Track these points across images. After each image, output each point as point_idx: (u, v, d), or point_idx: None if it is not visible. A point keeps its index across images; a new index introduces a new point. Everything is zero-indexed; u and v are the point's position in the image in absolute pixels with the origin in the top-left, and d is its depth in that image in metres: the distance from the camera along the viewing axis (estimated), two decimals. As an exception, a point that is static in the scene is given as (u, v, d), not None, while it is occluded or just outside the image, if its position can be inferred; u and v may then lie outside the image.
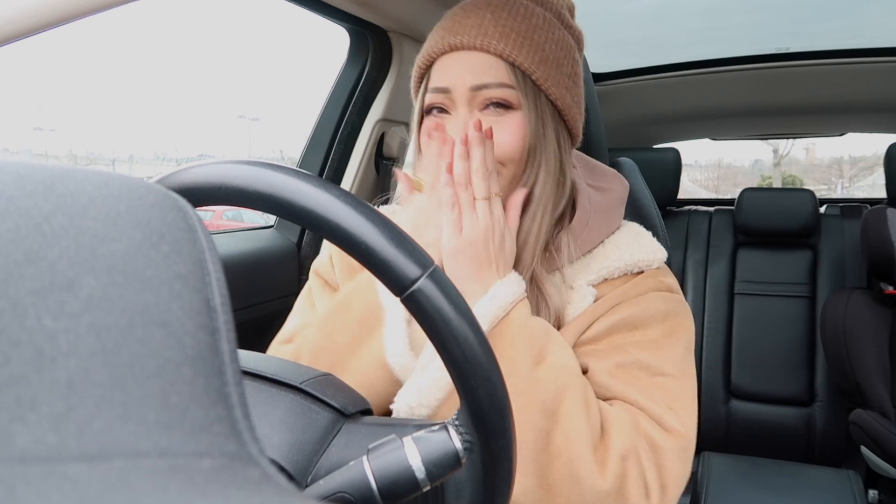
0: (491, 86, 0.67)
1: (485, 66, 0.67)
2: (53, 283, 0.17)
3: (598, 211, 0.74)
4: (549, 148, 0.70)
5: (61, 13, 0.54)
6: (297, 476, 0.42)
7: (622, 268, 0.72)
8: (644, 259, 0.72)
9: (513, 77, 0.67)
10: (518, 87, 0.67)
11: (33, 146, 28.21)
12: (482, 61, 0.67)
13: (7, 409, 0.15)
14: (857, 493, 1.64)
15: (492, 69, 0.67)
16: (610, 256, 0.72)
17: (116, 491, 0.14)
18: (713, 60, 2.04)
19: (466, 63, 0.68)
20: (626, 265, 0.72)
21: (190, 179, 0.40)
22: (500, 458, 0.42)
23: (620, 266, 0.72)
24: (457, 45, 0.68)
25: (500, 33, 0.67)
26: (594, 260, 0.73)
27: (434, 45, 0.70)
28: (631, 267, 0.72)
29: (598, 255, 0.73)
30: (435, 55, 0.70)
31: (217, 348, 0.19)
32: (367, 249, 0.38)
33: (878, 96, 2.10)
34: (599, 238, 0.74)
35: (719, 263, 2.26)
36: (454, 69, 0.68)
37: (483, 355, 0.40)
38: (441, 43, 0.69)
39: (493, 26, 0.67)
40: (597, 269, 0.72)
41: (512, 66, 0.67)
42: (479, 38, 0.67)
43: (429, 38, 0.73)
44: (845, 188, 21.54)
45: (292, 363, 0.49)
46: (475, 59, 0.67)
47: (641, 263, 0.72)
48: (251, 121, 41.82)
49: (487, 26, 0.67)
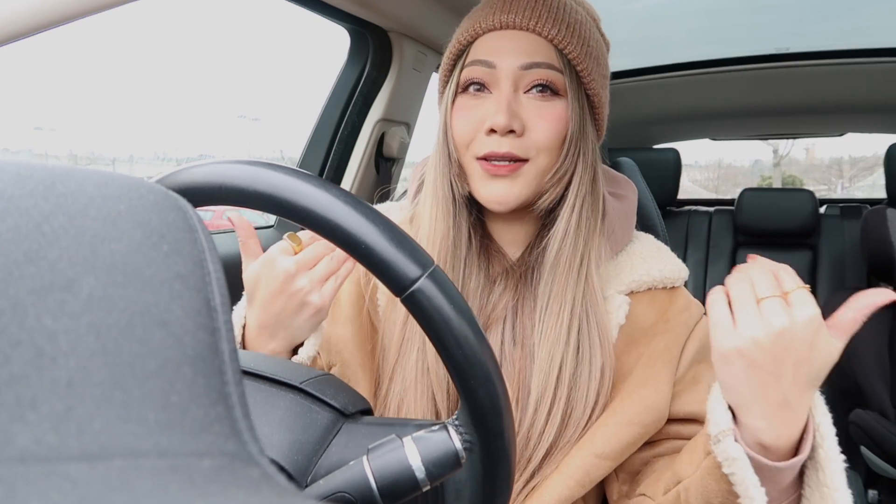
0: (542, 65, 0.65)
1: (536, 46, 0.66)
2: (53, 283, 0.17)
3: (619, 218, 0.74)
4: (588, 141, 0.69)
5: (61, 13, 0.54)
6: (297, 476, 0.42)
7: (650, 282, 0.72)
8: (670, 276, 0.73)
9: (561, 63, 0.66)
10: (566, 73, 0.66)
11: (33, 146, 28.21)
12: (532, 42, 0.66)
13: (7, 408, 0.15)
14: (857, 493, 1.64)
15: (543, 51, 0.66)
16: (637, 268, 0.72)
17: (116, 491, 0.14)
18: (713, 60, 2.04)
19: (517, 41, 0.66)
20: (654, 280, 0.72)
21: (190, 179, 0.40)
22: (500, 458, 0.42)
23: (648, 280, 0.72)
24: (508, 24, 0.66)
25: (553, 19, 0.66)
26: (621, 269, 0.72)
27: (481, 21, 0.68)
28: (658, 282, 0.72)
29: (624, 264, 0.73)
30: (481, 31, 0.68)
31: (217, 348, 0.19)
32: (367, 249, 0.38)
33: (878, 96, 2.10)
34: (622, 245, 0.74)
35: (719, 263, 2.26)
36: (503, 46, 0.66)
37: (483, 355, 0.40)
38: (490, 19, 0.67)
39: (545, 12, 0.67)
40: (627, 281, 0.71)
41: (560, 52, 0.66)
42: (532, 20, 0.66)
43: (471, 15, 0.71)
44: (845, 188, 21.53)
45: (292, 363, 0.49)
46: (526, 38, 0.66)
47: (668, 280, 0.73)
48: (251, 121, 41.83)
49: (541, 10, 0.67)
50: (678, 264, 0.75)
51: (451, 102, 0.70)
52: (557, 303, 0.67)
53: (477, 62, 0.67)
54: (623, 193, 0.78)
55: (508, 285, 0.71)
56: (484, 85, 0.67)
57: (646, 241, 0.77)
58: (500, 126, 0.64)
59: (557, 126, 0.66)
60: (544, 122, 0.66)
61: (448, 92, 0.70)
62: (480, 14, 0.69)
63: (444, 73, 0.73)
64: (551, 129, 0.66)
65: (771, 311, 0.48)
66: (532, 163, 0.66)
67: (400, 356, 0.70)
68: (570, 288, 0.67)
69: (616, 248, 0.73)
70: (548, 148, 0.66)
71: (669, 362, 0.68)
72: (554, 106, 0.66)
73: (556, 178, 0.68)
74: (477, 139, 0.66)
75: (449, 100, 0.70)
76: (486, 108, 0.66)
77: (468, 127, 0.67)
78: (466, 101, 0.68)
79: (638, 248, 0.75)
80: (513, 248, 0.74)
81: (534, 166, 0.66)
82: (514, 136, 0.65)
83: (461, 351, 0.39)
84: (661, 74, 2.10)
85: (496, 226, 0.74)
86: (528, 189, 0.67)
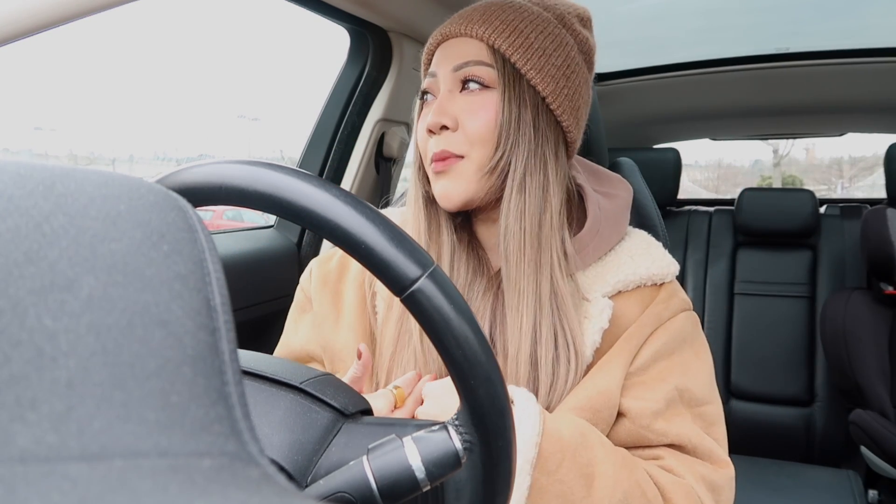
0: (470, 63, 0.69)
1: (468, 48, 0.70)
2: (53, 283, 0.17)
3: (607, 218, 0.74)
4: (525, 131, 0.68)
5: (61, 13, 0.54)
6: (297, 476, 0.42)
7: (637, 280, 0.71)
8: (658, 273, 0.72)
9: (491, 58, 0.69)
10: (496, 66, 0.69)
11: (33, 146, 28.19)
12: (465, 44, 0.70)
13: (7, 409, 0.15)
14: (857, 493, 1.64)
15: (473, 50, 0.70)
16: (624, 268, 0.72)
17: (116, 491, 0.14)
18: (713, 60, 2.04)
19: (454, 48, 0.71)
20: (642, 278, 0.71)
21: (190, 179, 0.40)
22: (500, 458, 0.42)
23: (636, 279, 0.71)
24: (447, 35, 0.72)
25: (483, 20, 0.70)
26: (608, 270, 0.72)
27: (431, 39, 0.74)
28: (646, 280, 0.72)
29: (611, 264, 0.72)
30: (432, 47, 0.74)
31: (217, 348, 0.19)
32: (367, 249, 0.38)
33: (878, 96, 2.09)
34: (609, 245, 0.73)
35: (719, 263, 2.26)
36: (443, 55, 0.72)
37: (483, 355, 0.40)
38: (437, 35, 0.73)
39: (478, 15, 0.71)
40: (612, 282, 0.71)
41: (491, 48, 0.69)
42: (463, 25, 0.70)
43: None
44: (845, 188, 21.51)
45: (292, 363, 0.49)
46: (461, 43, 0.71)
47: (656, 277, 0.72)
48: (251, 121, 41.80)
49: (473, 15, 0.71)
50: (666, 260, 0.74)
51: (418, 113, 0.75)
52: (517, 300, 0.67)
53: (428, 74, 0.74)
54: (614, 192, 0.78)
55: (489, 286, 0.72)
56: (431, 93, 0.73)
57: (636, 237, 0.76)
58: (431, 124, 0.68)
59: (486, 117, 0.68)
60: (473, 115, 0.68)
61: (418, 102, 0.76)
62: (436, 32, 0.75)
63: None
64: (479, 121, 0.68)
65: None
66: (468, 159, 0.68)
67: (395, 355, 0.70)
68: (530, 283, 0.67)
69: (603, 248, 0.73)
70: (480, 140, 0.68)
71: (627, 350, 0.68)
72: (483, 98, 0.69)
73: (492, 169, 0.68)
74: (426, 143, 0.71)
75: (416, 111, 0.76)
76: (431, 109, 0.70)
77: (421, 133, 0.72)
78: (423, 110, 0.73)
79: (627, 246, 0.74)
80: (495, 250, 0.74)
81: (470, 162, 0.68)
82: (448, 132, 0.68)
83: (461, 351, 0.39)
84: (660, 74, 2.10)
85: (479, 229, 0.76)
86: (471, 185, 0.68)
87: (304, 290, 0.81)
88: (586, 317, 0.69)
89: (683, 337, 0.70)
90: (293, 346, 0.79)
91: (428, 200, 0.73)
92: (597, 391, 0.65)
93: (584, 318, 0.69)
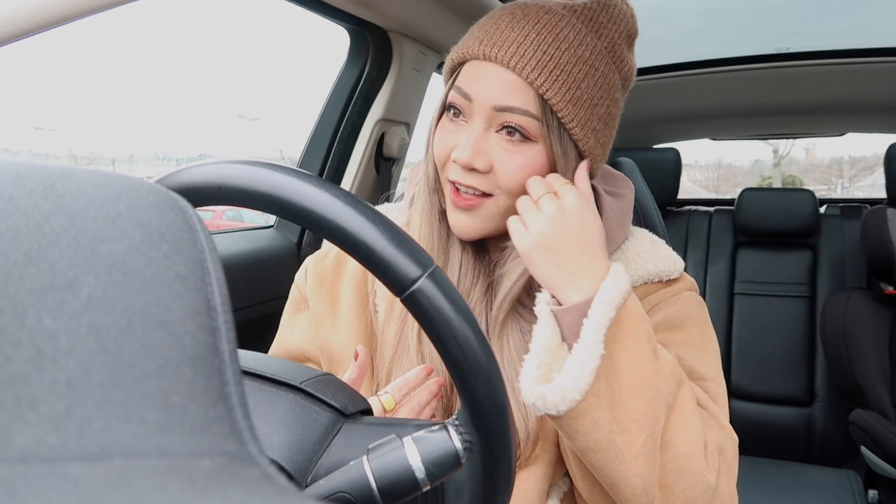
0: (515, 111, 0.63)
1: (515, 88, 0.63)
2: (53, 283, 0.17)
3: (616, 218, 0.74)
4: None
5: (61, 13, 0.54)
6: (297, 476, 0.42)
7: (645, 277, 0.72)
8: (665, 270, 0.73)
9: (539, 109, 0.63)
10: (542, 119, 0.64)
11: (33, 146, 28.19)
12: (513, 83, 0.63)
13: (7, 409, 0.15)
14: (857, 493, 1.64)
15: (520, 94, 0.63)
16: (632, 265, 0.72)
17: (116, 491, 0.14)
18: (713, 60, 2.04)
19: (497, 78, 0.64)
20: (650, 275, 0.72)
21: (190, 179, 0.40)
22: (500, 458, 0.42)
23: (644, 275, 0.72)
24: (491, 57, 0.64)
25: (538, 60, 0.63)
26: None
27: (469, 48, 0.66)
28: (653, 277, 0.73)
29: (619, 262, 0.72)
30: (468, 56, 0.67)
31: (217, 348, 0.19)
32: (367, 249, 0.38)
33: (878, 96, 2.09)
34: (617, 244, 0.74)
35: (719, 263, 2.26)
36: (483, 80, 0.65)
37: (483, 355, 0.40)
38: (477, 48, 0.65)
39: (532, 50, 0.63)
40: None
41: (541, 97, 0.63)
42: (514, 58, 0.63)
43: (469, 34, 0.69)
44: (845, 188, 21.51)
45: (292, 363, 0.49)
46: (507, 78, 0.63)
47: (663, 274, 0.73)
48: (251, 121, 41.79)
49: (527, 47, 0.63)
50: (673, 257, 0.75)
51: (436, 118, 0.70)
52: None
53: (458, 91, 0.66)
54: (621, 192, 0.78)
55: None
56: (462, 112, 0.67)
57: (640, 235, 0.77)
58: (461, 162, 0.64)
59: (524, 172, 0.65)
60: (511, 166, 0.64)
61: (438, 105, 0.71)
62: (475, 37, 0.67)
63: (445, 78, 0.73)
64: (517, 174, 0.65)
65: (544, 205, 0.62)
66: (495, 199, 0.66)
67: (396, 356, 0.70)
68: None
69: (611, 248, 0.73)
70: (511, 189, 0.65)
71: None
72: (523, 151, 0.65)
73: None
74: (449, 163, 0.67)
75: (435, 115, 0.71)
76: (459, 136, 0.66)
77: (443, 149, 0.67)
78: (446, 124, 0.68)
79: (633, 244, 0.75)
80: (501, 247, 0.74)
81: (496, 203, 0.66)
82: (478, 173, 0.65)
83: (461, 351, 0.39)
84: (660, 74, 2.10)
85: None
86: (490, 223, 0.67)
87: (300, 288, 0.80)
88: None
89: (688, 313, 0.70)
90: (289, 346, 0.79)
91: (441, 211, 0.71)
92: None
93: None
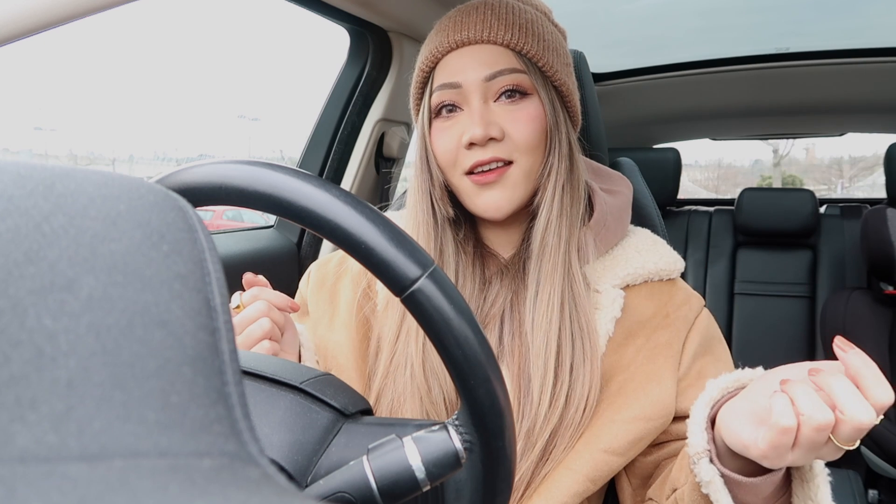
0: (505, 72, 0.67)
1: (495, 55, 0.68)
2: (53, 283, 0.17)
3: (612, 213, 0.75)
4: (562, 132, 0.70)
5: (61, 13, 0.54)
6: (297, 476, 0.42)
7: (645, 275, 0.73)
8: (666, 268, 0.74)
9: (523, 64, 0.68)
10: (530, 72, 0.68)
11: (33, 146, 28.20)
12: (491, 52, 0.68)
13: (7, 409, 0.15)
14: (857, 493, 1.64)
15: (502, 58, 0.68)
16: (632, 262, 0.73)
17: (116, 491, 0.14)
18: (713, 60, 2.04)
19: (476, 55, 0.68)
20: (650, 272, 0.73)
21: (190, 179, 0.40)
22: (500, 458, 0.42)
23: (644, 273, 0.73)
24: (464, 41, 0.69)
25: (506, 25, 0.68)
26: (616, 263, 0.73)
27: (439, 44, 0.70)
28: (653, 275, 0.73)
29: (619, 258, 0.74)
30: (441, 54, 0.70)
31: (217, 348, 0.19)
32: (367, 249, 0.38)
33: (878, 96, 2.10)
34: (616, 240, 0.75)
35: (719, 263, 2.26)
36: (464, 62, 0.69)
37: (483, 355, 0.40)
38: (447, 41, 0.69)
39: (496, 20, 0.69)
40: (622, 275, 0.72)
41: (519, 54, 0.68)
42: (485, 31, 0.68)
43: (428, 41, 0.73)
44: (845, 188, 21.52)
45: (292, 363, 0.49)
46: (484, 50, 0.68)
47: (663, 272, 0.74)
48: (251, 121, 41.81)
49: (491, 20, 0.69)
50: (673, 256, 0.76)
51: (427, 128, 0.72)
52: (547, 290, 0.68)
53: (443, 86, 0.69)
54: (617, 189, 0.79)
55: (504, 283, 0.72)
56: (455, 105, 0.69)
57: (641, 234, 0.78)
58: (477, 138, 0.66)
59: (534, 125, 0.68)
60: (520, 123, 0.67)
61: (422, 118, 0.72)
62: (437, 38, 0.71)
63: (414, 99, 0.75)
64: (528, 129, 0.68)
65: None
66: (517, 165, 0.68)
67: (395, 356, 0.70)
68: (558, 273, 0.68)
69: (610, 242, 0.74)
70: (529, 148, 0.68)
71: (672, 357, 0.69)
72: (526, 107, 0.68)
73: (539, 174, 0.69)
74: (460, 156, 0.68)
75: (425, 126, 0.72)
76: (462, 124, 0.68)
77: (449, 146, 0.69)
78: (442, 124, 0.70)
79: (633, 241, 0.76)
80: (507, 248, 0.76)
81: (519, 168, 0.68)
82: (495, 142, 0.67)
83: (461, 351, 0.39)
84: (660, 74, 2.10)
85: (489, 232, 0.76)
86: (519, 192, 0.69)
87: (302, 295, 0.82)
88: (597, 307, 0.70)
89: (712, 333, 0.73)
90: None
91: (436, 223, 0.72)
92: (650, 401, 0.67)
93: (594, 308, 0.70)
